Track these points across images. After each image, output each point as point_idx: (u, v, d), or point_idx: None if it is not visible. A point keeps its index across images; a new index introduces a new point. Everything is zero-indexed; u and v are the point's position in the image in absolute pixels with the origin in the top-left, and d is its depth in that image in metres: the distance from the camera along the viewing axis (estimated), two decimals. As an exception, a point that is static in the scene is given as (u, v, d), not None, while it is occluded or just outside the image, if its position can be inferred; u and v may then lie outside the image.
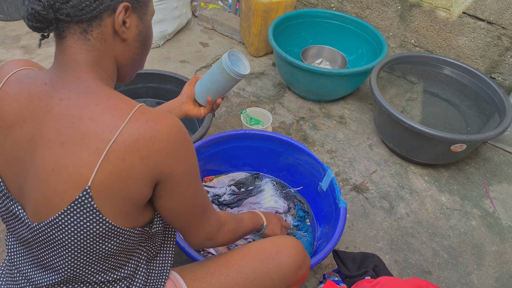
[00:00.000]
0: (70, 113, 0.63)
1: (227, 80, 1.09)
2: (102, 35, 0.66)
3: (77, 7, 0.61)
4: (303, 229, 1.41)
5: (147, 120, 0.62)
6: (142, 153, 0.61)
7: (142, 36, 0.71)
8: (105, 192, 0.62)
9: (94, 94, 0.64)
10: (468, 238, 1.54)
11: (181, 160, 0.66)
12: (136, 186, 0.63)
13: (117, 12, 0.64)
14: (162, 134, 0.62)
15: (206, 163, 1.49)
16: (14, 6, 2.39)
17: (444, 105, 1.96)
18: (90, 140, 0.61)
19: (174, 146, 0.64)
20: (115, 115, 0.62)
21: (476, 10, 1.89)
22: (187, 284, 0.85)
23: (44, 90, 0.66)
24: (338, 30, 2.27)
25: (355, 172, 1.74)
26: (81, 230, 0.65)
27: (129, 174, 0.62)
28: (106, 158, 0.60)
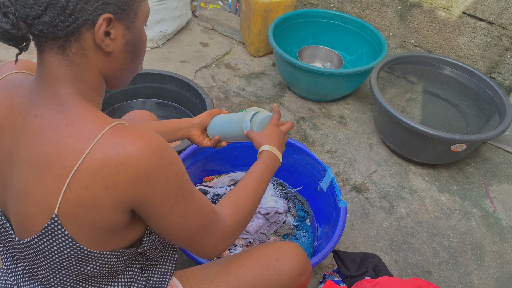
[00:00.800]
0: (40, 133, 0.59)
1: (239, 135, 1.09)
2: (82, 50, 0.60)
3: (49, 24, 0.56)
4: (303, 229, 1.41)
5: (114, 145, 0.57)
6: (107, 182, 0.56)
7: (130, 45, 0.64)
8: (72, 220, 0.59)
9: (65, 113, 0.59)
10: (468, 238, 1.54)
11: (155, 186, 0.60)
12: (104, 215, 0.59)
13: (97, 26, 0.58)
14: (130, 161, 0.56)
15: (206, 163, 1.49)
16: (14, 6, 2.39)
17: (444, 105, 1.96)
18: (54, 165, 0.57)
19: (145, 172, 0.58)
20: (81, 138, 0.57)
21: (476, 10, 1.89)
22: None
23: (23, 102, 0.62)
24: (338, 30, 2.27)
25: (355, 172, 1.74)
26: (57, 254, 0.63)
27: (94, 204, 0.58)
28: (69, 187, 0.56)
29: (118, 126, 0.59)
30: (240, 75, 2.22)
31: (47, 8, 0.55)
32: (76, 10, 0.56)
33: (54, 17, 0.55)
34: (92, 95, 0.64)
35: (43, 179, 0.58)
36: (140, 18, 0.64)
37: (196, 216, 0.68)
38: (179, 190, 0.64)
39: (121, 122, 0.61)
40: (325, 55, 2.24)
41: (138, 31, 0.65)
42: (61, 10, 0.55)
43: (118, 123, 0.60)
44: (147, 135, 0.60)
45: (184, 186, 0.65)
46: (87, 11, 0.57)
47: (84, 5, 0.56)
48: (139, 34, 0.65)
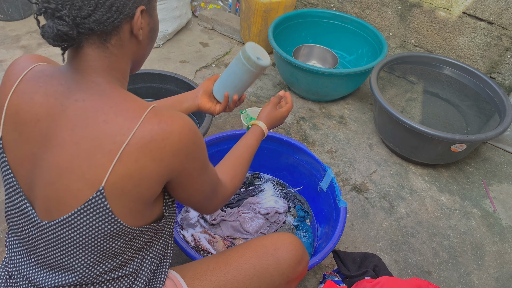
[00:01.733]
0: (84, 114, 0.64)
1: (244, 72, 1.05)
2: (120, 41, 0.67)
3: (98, 21, 0.62)
4: (303, 229, 1.41)
5: (159, 122, 0.64)
6: (154, 155, 0.63)
7: (152, 32, 0.73)
8: (117, 192, 0.64)
9: (108, 97, 0.65)
10: (468, 238, 1.54)
11: (192, 158, 0.69)
12: (148, 185, 0.65)
13: (136, 17, 0.66)
14: (174, 135, 0.64)
15: (206, 163, 1.49)
16: (14, 6, 2.39)
17: (444, 105, 1.96)
18: (103, 142, 0.62)
19: (185, 146, 0.66)
20: (128, 117, 0.63)
21: (476, 10, 1.89)
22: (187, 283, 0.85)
23: (59, 90, 0.67)
24: (338, 30, 2.27)
25: (355, 172, 1.74)
26: (93, 229, 0.66)
27: (142, 175, 0.64)
28: (120, 160, 0.62)
29: (156, 108, 0.66)
30: (240, 75, 2.22)
31: (96, 7, 0.61)
32: (120, 6, 0.63)
33: (102, 15, 0.62)
34: (122, 82, 0.71)
35: (91, 155, 0.62)
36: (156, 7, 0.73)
37: (210, 183, 0.79)
38: (204, 161, 0.74)
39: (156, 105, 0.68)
40: (320, 54, 2.24)
41: (156, 18, 0.74)
42: (109, 8, 0.62)
43: (154, 105, 0.67)
44: (182, 115, 0.68)
45: (206, 159, 0.75)
46: (128, 5, 0.64)
47: (127, 1, 0.64)
48: (156, 19, 0.74)
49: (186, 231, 1.35)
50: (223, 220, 1.38)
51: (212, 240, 1.31)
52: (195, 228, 1.37)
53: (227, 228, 1.36)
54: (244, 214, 1.40)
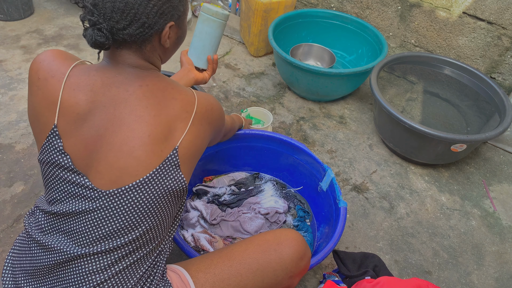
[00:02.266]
0: (153, 95, 0.77)
1: (216, 28, 1.16)
2: (152, 48, 0.80)
3: (131, 34, 0.74)
4: (303, 229, 1.41)
5: (205, 98, 0.85)
6: (209, 119, 0.85)
7: (179, 38, 0.86)
8: (188, 148, 0.80)
9: (165, 80, 0.81)
10: (468, 238, 1.53)
11: (223, 119, 0.95)
12: (205, 142, 0.86)
13: (164, 32, 0.78)
14: (214, 105, 0.87)
15: (206, 163, 1.49)
16: (14, 6, 2.39)
17: (444, 105, 1.96)
18: (179, 112, 0.78)
19: (221, 113, 0.91)
20: (188, 94, 0.82)
21: (476, 10, 1.89)
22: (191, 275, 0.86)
23: (119, 80, 0.77)
24: (338, 30, 2.27)
25: (355, 172, 1.74)
26: (163, 187, 0.78)
27: (204, 134, 0.84)
28: (193, 123, 0.80)
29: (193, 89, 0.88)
30: (240, 75, 2.22)
31: (131, 23, 0.73)
32: (152, 23, 0.75)
33: (135, 29, 0.74)
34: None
35: (170, 122, 0.77)
36: (185, 18, 0.85)
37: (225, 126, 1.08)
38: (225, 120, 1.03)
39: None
40: (317, 52, 2.24)
41: (184, 27, 0.86)
42: (142, 24, 0.73)
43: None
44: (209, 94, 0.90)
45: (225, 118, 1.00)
46: (158, 23, 0.76)
47: (158, 19, 0.75)
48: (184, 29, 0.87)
49: (186, 231, 1.35)
50: (223, 220, 1.38)
51: (212, 240, 1.31)
52: (195, 228, 1.37)
53: (227, 228, 1.36)
54: (244, 214, 1.39)
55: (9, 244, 1.32)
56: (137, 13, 0.72)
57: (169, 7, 0.76)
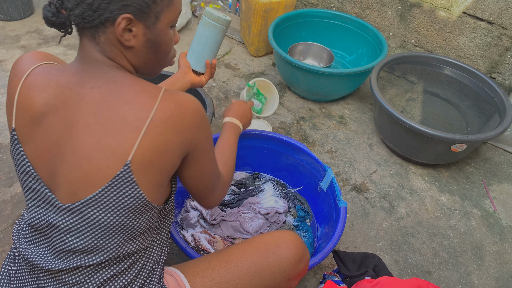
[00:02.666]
0: (104, 99, 0.69)
1: (217, 33, 1.14)
2: (109, 41, 0.70)
3: (80, 16, 0.67)
4: (303, 229, 1.41)
5: (174, 100, 0.70)
6: (176, 128, 0.69)
7: (151, 43, 0.74)
8: (145, 165, 0.68)
9: (121, 82, 0.70)
10: (468, 238, 1.53)
11: (204, 131, 0.76)
12: (172, 158, 0.71)
13: (116, 23, 0.67)
14: (189, 111, 0.71)
15: (206, 163, 1.49)
16: (14, 6, 2.39)
17: (444, 105, 1.96)
18: (129, 120, 0.67)
19: (198, 120, 0.73)
20: (147, 97, 0.69)
21: (476, 10, 1.89)
22: (188, 279, 0.85)
23: (73, 80, 0.71)
24: (338, 30, 2.27)
25: (355, 172, 1.74)
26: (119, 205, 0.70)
27: (166, 147, 0.69)
28: (146, 134, 0.67)
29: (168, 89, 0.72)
30: (240, 75, 2.22)
31: (79, 3, 0.66)
32: (100, 8, 0.66)
33: (83, 11, 0.66)
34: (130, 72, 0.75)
35: (118, 133, 0.67)
36: (162, 21, 0.73)
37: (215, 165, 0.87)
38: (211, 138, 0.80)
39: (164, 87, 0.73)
40: (315, 51, 2.24)
41: (159, 32, 0.74)
42: (89, 6, 0.66)
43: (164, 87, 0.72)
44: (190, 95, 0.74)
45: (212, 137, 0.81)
46: (109, 10, 0.66)
47: (108, 5, 0.66)
48: (160, 34, 0.74)
49: (186, 231, 1.35)
50: (223, 220, 1.38)
51: (212, 240, 1.31)
52: (195, 228, 1.37)
53: (227, 228, 1.36)
54: (244, 214, 1.39)
55: (9, 244, 1.32)
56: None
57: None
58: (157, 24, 0.72)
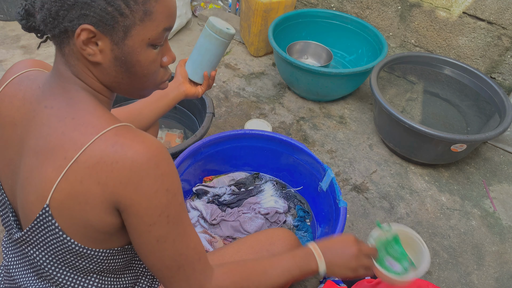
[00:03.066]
0: (48, 123, 0.61)
1: (218, 46, 1.07)
2: (73, 53, 0.61)
3: (42, 22, 0.59)
4: (303, 229, 1.41)
5: (114, 144, 0.57)
6: (100, 178, 0.57)
7: (120, 61, 0.62)
8: (64, 212, 0.59)
9: (73, 107, 0.61)
10: (468, 238, 1.53)
11: (142, 195, 0.58)
12: (94, 212, 0.59)
13: (76, 34, 0.58)
14: (125, 161, 0.56)
15: (206, 163, 1.49)
16: (14, 6, 2.39)
17: (444, 105, 1.96)
18: (56, 155, 0.59)
19: (136, 176, 0.57)
20: (85, 132, 0.58)
21: (476, 10, 1.89)
22: None
23: (35, 94, 0.65)
24: (338, 30, 2.27)
25: (355, 172, 1.74)
26: (49, 247, 0.63)
27: (86, 199, 0.58)
28: (65, 177, 0.57)
29: (123, 127, 0.60)
30: (240, 75, 2.22)
31: (41, 8, 0.58)
32: (59, 15, 0.57)
33: (44, 17, 0.58)
34: (97, 95, 0.65)
35: (44, 167, 0.59)
36: (134, 38, 0.60)
37: (174, 249, 0.63)
38: (166, 209, 0.60)
39: (127, 125, 0.61)
40: (314, 50, 2.25)
41: (129, 49, 0.61)
42: (48, 12, 0.57)
43: (125, 124, 0.61)
44: (149, 140, 0.59)
45: (173, 208, 0.61)
46: (67, 18, 0.57)
47: (66, 12, 0.57)
48: (131, 52, 0.61)
49: (186, 231, 1.35)
50: (223, 220, 1.38)
51: (212, 240, 1.31)
52: (195, 228, 1.37)
53: (227, 228, 1.36)
54: (244, 214, 1.39)
55: (9, 244, 1.32)
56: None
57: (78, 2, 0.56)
58: (127, 40, 0.60)
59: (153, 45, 0.63)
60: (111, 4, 0.57)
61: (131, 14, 0.58)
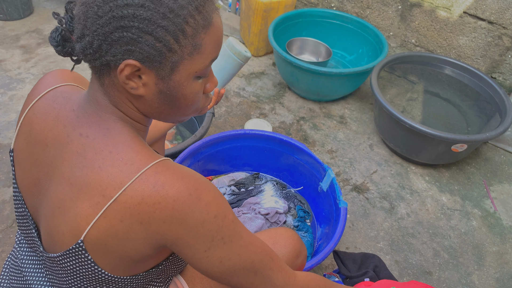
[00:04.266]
0: (84, 154, 0.59)
1: (233, 66, 1.09)
2: (114, 85, 0.59)
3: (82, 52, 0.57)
4: (303, 229, 1.40)
5: (155, 183, 0.56)
6: (143, 218, 0.56)
7: (164, 95, 0.60)
8: (100, 247, 0.59)
9: (111, 139, 0.59)
10: (468, 238, 1.53)
11: (189, 228, 0.58)
12: (134, 247, 0.59)
13: (119, 69, 0.56)
14: (167, 201, 0.56)
15: (206, 163, 1.49)
16: (13, 6, 2.39)
17: (444, 105, 1.96)
18: (93, 191, 0.57)
19: (180, 214, 0.56)
20: (124, 170, 0.57)
21: (477, 9, 1.89)
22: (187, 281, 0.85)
23: (70, 117, 0.63)
24: (338, 30, 2.27)
25: (356, 172, 1.73)
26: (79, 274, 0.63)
27: (127, 236, 0.57)
28: (104, 215, 0.56)
29: (162, 164, 0.59)
30: (240, 75, 2.22)
31: (81, 37, 0.56)
32: (101, 49, 0.55)
33: (84, 48, 0.56)
34: (135, 124, 0.64)
35: (80, 202, 0.58)
36: (182, 72, 0.58)
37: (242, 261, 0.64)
38: (217, 233, 0.60)
39: (165, 159, 0.60)
40: (313, 46, 2.24)
41: (175, 84, 0.59)
42: (89, 45, 0.55)
43: (162, 159, 0.60)
44: (187, 176, 0.58)
45: (225, 229, 0.61)
46: (111, 53, 0.55)
47: (109, 47, 0.54)
48: (177, 87, 0.60)
49: (186, 231, 1.35)
50: (223, 220, 1.37)
51: (212, 240, 1.31)
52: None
53: (227, 228, 1.36)
54: (244, 214, 1.39)
55: (9, 244, 1.32)
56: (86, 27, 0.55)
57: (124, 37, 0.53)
58: (173, 75, 0.58)
59: (199, 77, 0.61)
60: (160, 40, 0.54)
61: (180, 50, 0.56)
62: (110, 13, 0.53)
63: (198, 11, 0.56)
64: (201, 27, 0.56)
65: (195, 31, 0.56)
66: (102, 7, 0.53)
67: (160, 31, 0.54)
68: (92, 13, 0.53)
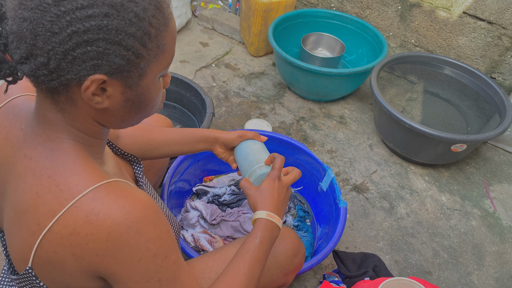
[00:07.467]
0: (25, 178, 0.55)
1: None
2: (71, 101, 0.54)
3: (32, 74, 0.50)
4: (303, 229, 1.41)
5: (89, 213, 0.51)
6: (75, 250, 0.52)
7: (131, 102, 0.57)
8: (46, 274, 0.56)
9: (52, 161, 0.55)
10: (468, 238, 1.53)
11: (124, 265, 0.53)
12: (74, 280, 0.56)
13: (83, 87, 0.51)
14: (101, 233, 0.51)
15: (206, 163, 1.49)
16: (14, 6, 2.39)
17: (444, 105, 1.96)
18: (30, 219, 0.54)
19: (115, 248, 0.52)
20: (59, 197, 0.52)
21: (477, 10, 1.89)
22: None
23: (17, 136, 0.59)
24: (338, 30, 2.27)
25: (355, 172, 1.74)
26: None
27: (63, 267, 0.54)
28: (41, 245, 0.53)
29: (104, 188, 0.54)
30: (240, 75, 2.22)
31: (28, 58, 0.49)
32: (59, 68, 0.49)
33: (35, 69, 0.49)
34: (89, 140, 0.60)
35: (22, 228, 0.55)
36: (149, 76, 0.56)
37: None
38: (155, 274, 0.56)
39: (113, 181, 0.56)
40: (328, 41, 2.26)
41: (143, 89, 0.57)
42: (43, 65, 0.49)
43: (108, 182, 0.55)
44: (131, 203, 0.53)
45: (164, 271, 0.56)
46: (73, 71, 0.50)
47: (70, 65, 0.49)
48: (145, 91, 0.57)
49: (186, 231, 1.35)
50: (223, 220, 1.38)
51: (212, 240, 1.31)
52: (195, 228, 1.36)
53: (227, 228, 1.36)
54: (244, 214, 1.39)
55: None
56: (35, 47, 0.48)
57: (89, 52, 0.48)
58: (141, 81, 0.55)
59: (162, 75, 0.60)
60: (128, 48, 0.50)
61: (147, 54, 0.53)
62: (70, 28, 0.47)
63: (159, 10, 0.53)
64: (162, 25, 0.54)
65: (158, 31, 0.53)
66: (56, 22, 0.47)
67: (128, 39, 0.50)
68: (43, 30, 0.47)
